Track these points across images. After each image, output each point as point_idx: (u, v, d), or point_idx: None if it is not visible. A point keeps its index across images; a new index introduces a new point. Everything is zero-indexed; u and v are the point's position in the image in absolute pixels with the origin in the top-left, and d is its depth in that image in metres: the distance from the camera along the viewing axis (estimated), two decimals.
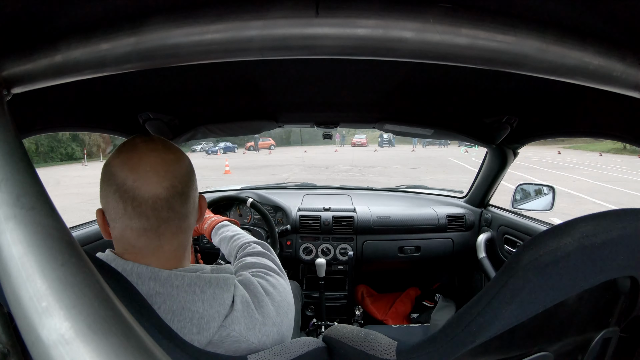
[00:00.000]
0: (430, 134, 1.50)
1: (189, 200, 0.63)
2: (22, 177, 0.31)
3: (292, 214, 2.09)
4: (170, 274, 0.59)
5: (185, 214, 0.63)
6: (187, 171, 0.63)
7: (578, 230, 0.48)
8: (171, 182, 0.59)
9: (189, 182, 0.63)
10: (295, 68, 0.95)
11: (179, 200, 0.60)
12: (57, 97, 0.94)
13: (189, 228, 0.66)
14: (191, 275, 0.61)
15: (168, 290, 0.58)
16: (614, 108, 0.92)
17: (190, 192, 0.64)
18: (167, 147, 0.63)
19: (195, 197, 0.66)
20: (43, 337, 0.23)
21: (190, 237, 0.68)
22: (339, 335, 0.63)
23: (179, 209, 0.61)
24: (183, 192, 0.61)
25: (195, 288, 0.60)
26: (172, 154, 0.62)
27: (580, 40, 0.46)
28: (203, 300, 0.60)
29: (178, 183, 0.60)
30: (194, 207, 0.66)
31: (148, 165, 0.58)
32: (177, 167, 0.61)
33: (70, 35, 0.48)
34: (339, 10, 0.43)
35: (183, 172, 0.62)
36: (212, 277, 0.63)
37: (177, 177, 0.60)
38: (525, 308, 0.45)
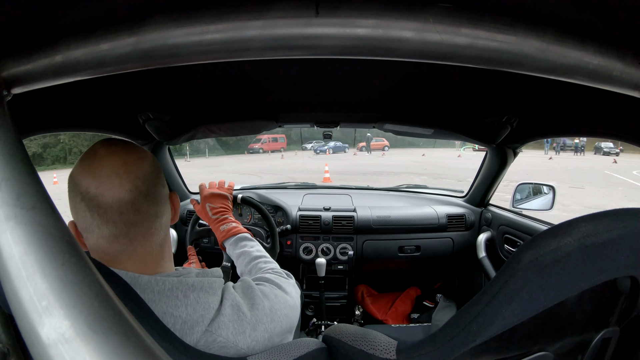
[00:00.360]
0: (430, 133, 1.50)
1: (157, 199, 0.61)
2: (23, 177, 0.31)
3: (292, 214, 2.09)
4: (150, 280, 0.58)
5: (154, 214, 0.61)
6: (151, 170, 0.61)
7: (578, 230, 0.48)
8: (134, 184, 0.57)
9: (155, 181, 0.61)
10: (295, 68, 0.95)
11: (145, 201, 0.59)
12: (57, 97, 0.94)
13: (162, 228, 0.64)
14: (172, 280, 0.60)
15: (149, 296, 0.57)
16: (613, 108, 0.92)
17: (158, 191, 0.62)
18: (128, 148, 0.61)
19: (164, 195, 0.64)
20: (43, 337, 0.23)
21: (168, 237, 0.66)
22: (339, 334, 0.63)
23: (146, 210, 0.59)
24: (148, 193, 0.59)
25: (178, 293, 0.59)
26: (133, 154, 0.60)
27: (580, 40, 0.46)
28: (186, 304, 0.58)
29: (141, 184, 0.58)
30: (165, 206, 0.64)
31: (109, 169, 0.57)
32: (139, 167, 0.59)
33: (70, 35, 0.48)
34: (339, 10, 0.43)
35: (146, 172, 0.60)
36: (196, 281, 0.61)
37: (139, 178, 0.58)
38: (525, 308, 0.45)
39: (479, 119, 1.40)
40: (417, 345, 0.53)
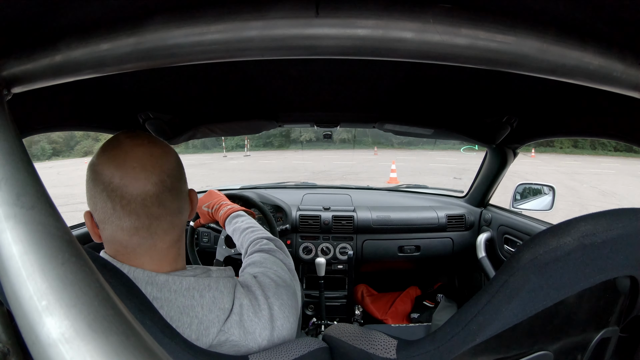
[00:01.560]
0: (430, 133, 1.50)
1: (180, 195, 0.62)
2: (22, 176, 0.31)
3: (291, 214, 2.09)
4: (167, 278, 0.58)
5: (177, 210, 0.61)
6: (176, 165, 0.62)
7: (578, 230, 0.48)
8: (160, 177, 0.58)
9: (179, 176, 0.62)
10: (295, 68, 0.95)
11: (169, 195, 0.59)
12: (57, 96, 0.94)
13: (182, 224, 0.65)
14: (189, 280, 0.60)
15: (166, 295, 0.57)
16: (613, 108, 0.92)
17: (181, 187, 0.62)
18: (153, 141, 0.61)
19: (185, 191, 0.65)
20: (43, 336, 0.23)
21: (183, 234, 0.67)
22: (339, 334, 0.63)
23: (169, 205, 0.59)
24: (173, 187, 0.60)
25: (194, 292, 0.59)
26: (158, 148, 0.60)
27: (580, 41, 0.46)
28: (202, 305, 0.59)
29: (167, 178, 0.59)
30: (186, 202, 0.65)
31: (134, 161, 0.56)
32: (165, 161, 0.60)
33: (71, 35, 0.48)
34: (339, 10, 0.43)
35: (171, 167, 0.60)
36: (212, 280, 0.62)
37: (165, 172, 0.59)
38: (525, 307, 0.46)
39: (478, 119, 1.40)
40: (417, 344, 0.53)
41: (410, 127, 1.47)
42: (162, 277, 0.58)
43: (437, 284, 2.38)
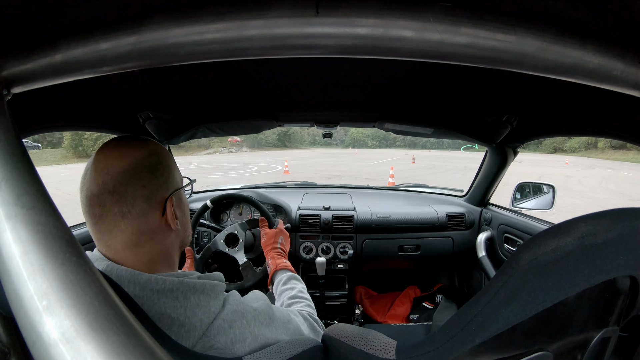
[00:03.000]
0: (430, 132, 1.50)
1: (125, 199, 0.59)
2: (23, 177, 0.31)
3: (292, 213, 2.09)
4: (150, 278, 0.58)
5: (119, 213, 0.59)
6: (128, 169, 0.60)
7: (578, 230, 0.48)
8: (103, 179, 0.59)
9: (128, 180, 0.60)
10: (295, 67, 0.95)
11: (110, 197, 0.58)
12: (57, 96, 0.94)
13: (133, 228, 0.61)
14: (173, 280, 0.59)
15: (147, 295, 0.56)
16: (613, 107, 0.92)
17: (128, 191, 0.60)
18: (123, 145, 0.63)
19: (140, 196, 0.61)
20: (44, 336, 0.23)
21: (148, 239, 0.63)
22: (339, 334, 0.63)
23: (110, 207, 0.59)
24: (115, 190, 0.59)
25: (178, 294, 0.58)
26: (117, 151, 0.61)
27: (580, 39, 0.46)
28: (186, 307, 0.58)
29: (110, 180, 0.58)
30: (137, 208, 0.60)
31: (91, 162, 0.61)
32: (116, 163, 0.60)
33: (70, 34, 0.48)
34: (339, 9, 0.43)
35: (120, 170, 0.59)
36: (198, 283, 0.61)
37: (110, 174, 0.59)
38: (524, 308, 0.45)
39: (479, 119, 1.40)
40: (416, 345, 0.53)
41: (410, 127, 1.47)
42: (145, 276, 0.58)
43: (437, 285, 2.38)
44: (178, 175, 0.71)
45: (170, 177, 0.67)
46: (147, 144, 0.66)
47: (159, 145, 0.69)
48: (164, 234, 0.65)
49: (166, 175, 0.66)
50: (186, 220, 0.73)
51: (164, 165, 0.66)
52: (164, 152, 0.68)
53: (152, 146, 0.67)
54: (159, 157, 0.66)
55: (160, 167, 0.65)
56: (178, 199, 0.69)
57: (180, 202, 0.70)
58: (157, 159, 0.65)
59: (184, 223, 0.72)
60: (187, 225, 0.74)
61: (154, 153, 0.65)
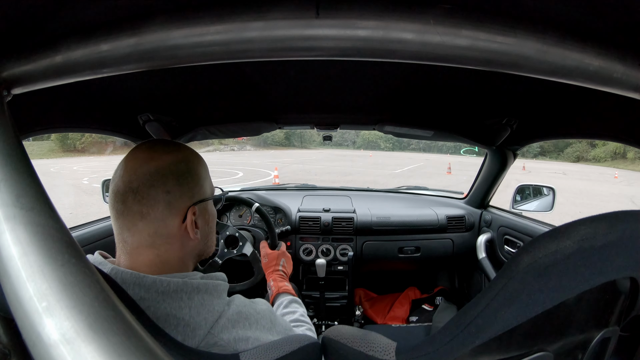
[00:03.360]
0: (430, 135, 1.50)
1: (146, 200, 0.60)
2: (22, 178, 0.31)
3: (292, 215, 2.09)
4: (155, 280, 0.58)
5: (138, 212, 0.60)
6: (154, 172, 0.61)
7: (577, 233, 0.48)
8: (129, 177, 0.61)
9: (150, 183, 0.60)
10: (295, 69, 0.95)
11: (132, 196, 0.60)
12: (57, 97, 0.94)
13: (150, 230, 0.62)
14: (177, 281, 0.60)
15: (153, 296, 0.57)
16: (614, 109, 0.92)
17: (150, 193, 0.60)
18: (151, 146, 0.65)
19: (160, 200, 0.61)
20: (44, 337, 0.23)
21: (163, 243, 0.63)
22: (338, 335, 0.63)
23: (131, 205, 0.60)
24: (138, 190, 0.60)
25: (182, 294, 0.59)
26: (148, 152, 0.63)
27: (581, 42, 0.46)
28: (190, 307, 0.59)
29: (135, 179, 0.60)
30: (160, 212, 0.61)
31: (123, 159, 0.64)
32: (144, 164, 0.61)
33: (71, 36, 0.48)
34: (340, 11, 0.43)
35: (146, 171, 0.61)
36: (201, 283, 0.62)
37: (136, 174, 0.60)
38: (524, 310, 0.45)
39: (479, 121, 1.40)
40: (416, 346, 0.53)
41: (411, 129, 1.47)
42: (150, 278, 0.58)
43: (437, 288, 2.37)
44: (208, 185, 0.71)
45: (198, 187, 0.67)
46: (179, 150, 0.66)
47: (193, 153, 0.69)
48: (181, 240, 0.65)
49: (192, 184, 0.66)
50: (209, 231, 0.73)
51: (193, 173, 0.66)
52: (196, 160, 0.69)
53: (185, 153, 0.67)
54: (188, 165, 0.66)
55: (188, 176, 0.65)
56: (203, 209, 0.69)
57: (204, 212, 0.70)
58: (186, 167, 0.65)
59: (206, 234, 0.71)
60: (209, 237, 0.73)
61: (184, 160, 0.66)
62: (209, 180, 0.72)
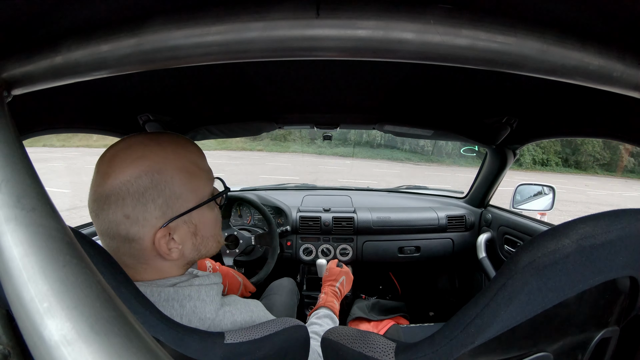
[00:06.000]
0: (430, 134, 1.50)
1: (106, 223, 0.56)
2: (23, 179, 0.31)
3: (292, 215, 2.09)
4: (146, 291, 0.57)
5: (106, 234, 0.57)
6: (109, 194, 0.55)
7: (577, 232, 0.48)
8: (91, 195, 0.57)
9: (107, 206, 0.56)
10: (295, 69, 0.95)
11: (94, 217, 0.57)
12: (57, 98, 0.94)
13: (125, 251, 0.58)
14: (168, 290, 0.59)
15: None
16: (614, 109, 0.92)
17: (107, 217, 0.56)
18: (112, 157, 0.57)
19: (122, 224, 0.56)
20: (45, 338, 0.23)
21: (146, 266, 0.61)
22: (338, 336, 0.63)
23: (96, 225, 0.58)
24: (98, 214, 0.57)
25: (174, 303, 0.58)
26: (106, 166, 0.57)
27: (581, 41, 0.46)
28: (182, 315, 0.58)
29: (94, 200, 0.57)
30: (123, 235, 0.57)
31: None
32: (101, 183, 0.56)
33: (71, 36, 0.48)
34: (340, 11, 0.43)
35: (102, 192, 0.56)
36: (193, 290, 0.60)
37: (95, 194, 0.56)
38: (524, 310, 0.45)
39: (478, 120, 1.40)
40: (415, 347, 0.53)
41: (410, 128, 1.47)
42: (141, 289, 0.56)
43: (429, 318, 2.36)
44: (190, 191, 0.61)
45: (171, 200, 0.58)
46: (143, 158, 0.56)
47: (165, 159, 0.58)
48: (162, 258, 0.60)
49: (161, 200, 0.57)
50: (200, 241, 0.64)
51: (161, 187, 0.57)
52: (169, 166, 0.58)
53: (151, 161, 0.56)
54: (153, 178, 0.56)
55: (153, 191, 0.56)
56: (184, 222, 0.60)
57: (186, 224, 0.61)
58: (149, 181, 0.56)
59: (194, 246, 0.64)
60: (202, 246, 0.65)
61: (148, 171, 0.56)
62: (195, 183, 0.61)
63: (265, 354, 0.56)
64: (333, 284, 1.26)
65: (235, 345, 0.55)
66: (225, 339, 0.55)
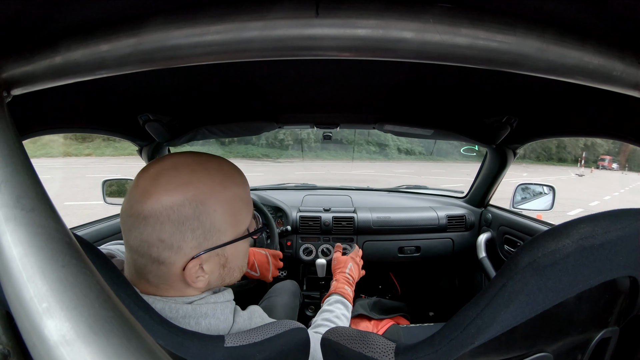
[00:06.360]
0: (430, 134, 1.50)
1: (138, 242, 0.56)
2: (22, 179, 0.31)
3: (292, 215, 2.09)
4: (164, 307, 0.58)
5: (136, 251, 0.57)
6: (147, 215, 0.54)
7: (577, 232, 0.47)
8: (127, 209, 0.56)
9: (143, 226, 0.54)
10: (295, 69, 0.95)
11: (126, 232, 0.57)
12: (57, 98, 0.94)
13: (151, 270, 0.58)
14: (186, 308, 0.59)
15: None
16: (613, 108, 0.92)
17: (141, 236, 0.55)
18: (154, 177, 0.56)
19: (155, 247, 0.55)
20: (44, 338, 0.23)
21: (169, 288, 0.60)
22: (338, 336, 0.62)
23: (127, 239, 0.57)
24: (131, 229, 0.56)
25: (190, 320, 0.58)
26: (148, 183, 0.56)
27: (580, 40, 0.46)
28: (196, 331, 0.58)
29: (129, 215, 0.55)
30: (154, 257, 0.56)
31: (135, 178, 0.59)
32: (140, 200, 0.55)
33: (70, 36, 0.48)
34: (339, 10, 0.43)
35: (140, 211, 0.54)
36: (209, 308, 0.61)
37: (132, 209, 0.55)
38: (523, 310, 0.45)
39: (478, 120, 1.40)
40: (415, 347, 0.53)
41: (410, 128, 1.47)
42: (159, 304, 0.57)
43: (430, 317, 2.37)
44: (229, 224, 0.60)
45: (209, 233, 0.57)
46: (191, 185, 0.55)
47: (210, 189, 0.57)
48: (186, 283, 0.59)
49: (200, 231, 0.56)
50: (226, 273, 0.64)
51: (203, 218, 0.56)
52: (213, 198, 0.57)
53: (200, 189, 0.56)
54: (197, 209, 0.55)
55: (194, 222, 0.55)
56: (216, 254, 0.60)
57: (219, 257, 0.61)
58: (192, 211, 0.55)
59: (220, 276, 0.63)
60: (228, 276, 0.65)
61: (193, 202, 0.55)
62: (237, 218, 0.61)
63: (265, 357, 0.56)
64: (343, 271, 1.27)
65: (236, 349, 0.55)
66: (225, 343, 0.55)
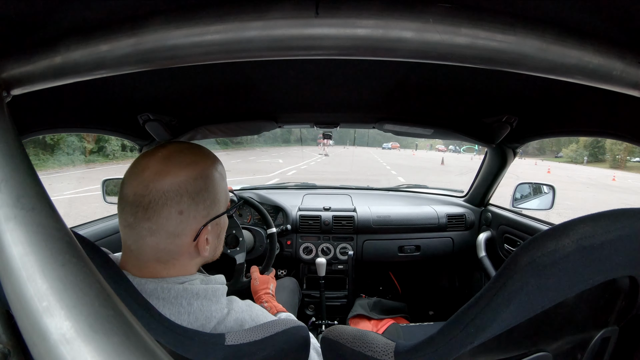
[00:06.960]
0: (430, 133, 1.50)
1: (155, 217, 0.58)
2: (22, 178, 0.31)
3: (292, 214, 2.09)
4: (156, 287, 0.59)
5: (148, 230, 0.59)
6: (168, 190, 0.58)
7: (576, 232, 0.47)
8: (141, 190, 0.58)
9: (163, 202, 0.58)
10: (294, 68, 0.95)
11: (142, 212, 0.58)
12: (57, 98, 0.94)
13: (163, 248, 0.60)
14: (178, 288, 0.60)
15: (153, 302, 0.57)
16: (613, 107, 0.92)
17: (161, 212, 0.58)
18: (166, 158, 0.61)
19: (174, 219, 0.59)
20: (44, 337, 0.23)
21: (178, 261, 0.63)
22: (338, 336, 0.63)
23: (140, 221, 0.58)
24: (149, 207, 0.58)
25: (182, 300, 0.59)
26: (162, 164, 0.60)
27: (580, 40, 0.46)
28: (189, 312, 0.59)
29: (147, 194, 0.57)
30: (171, 231, 0.59)
31: (134, 164, 0.62)
32: (157, 179, 0.58)
33: (70, 36, 0.48)
34: (339, 10, 0.43)
35: (159, 188, 0.58)
36: (201, 289, 0.62)
37: (148, 189, 0.58)
38: (523, 309, 0.45)
39: (478, 119, 1.40)
40: (415, 347, 0.53)
41: (410, 127, 1.47)
42: (151, 285, 0.59)
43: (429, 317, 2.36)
44: (223, 197, 0.68)
45: (213, 203, 0.64)
46: (198, 163, 0.62)
47: (212, 164, 0.66)
48: (190, 255, 0.63)
49: (209, 201, 0.63)
50: (218, 243, 0.70)
51: (210, 189, 0.63)
52: (215, 172, 0.65)
53: (204, 165, 0.63)
54: (206, 182, 0.62)
55: (205, 193, 0.62)
56: (215, 223, 0.66)
57: (216, 227, 0.67)
58: (203, 183, 0.62)
59: (215, 247, 0.69)
60: (218, 247, 0.71)
61: (202, 175, 0.62)
62: (225, 190, 0.69)
63: (266, 355, 0.56)
64: (268, 291, 1.32)
65: (236, 347, 0.55)
66: (226, 341, 0.55)
